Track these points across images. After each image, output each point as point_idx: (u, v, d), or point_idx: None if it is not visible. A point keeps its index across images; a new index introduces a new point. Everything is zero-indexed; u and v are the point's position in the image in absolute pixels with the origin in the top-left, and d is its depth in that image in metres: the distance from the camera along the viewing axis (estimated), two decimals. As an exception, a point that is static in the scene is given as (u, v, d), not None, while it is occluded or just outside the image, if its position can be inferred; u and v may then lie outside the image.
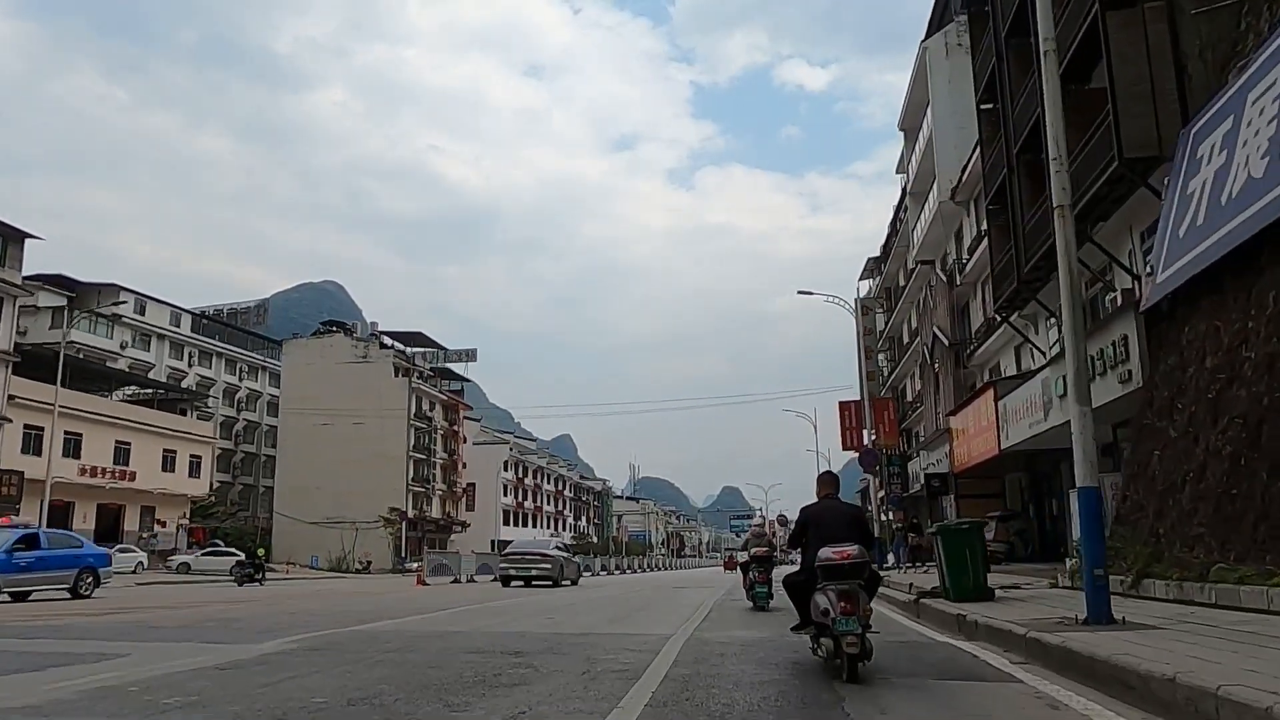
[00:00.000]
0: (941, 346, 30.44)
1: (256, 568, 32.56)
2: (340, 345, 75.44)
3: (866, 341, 50.24)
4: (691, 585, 27.36)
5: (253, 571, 31.84)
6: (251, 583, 30.14)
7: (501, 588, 24.56)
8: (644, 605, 15.82)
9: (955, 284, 30.02)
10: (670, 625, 11.01)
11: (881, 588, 9.27)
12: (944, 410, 29.87)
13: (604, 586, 26.90)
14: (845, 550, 6.18)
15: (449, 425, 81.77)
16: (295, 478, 72.60)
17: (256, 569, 32.47)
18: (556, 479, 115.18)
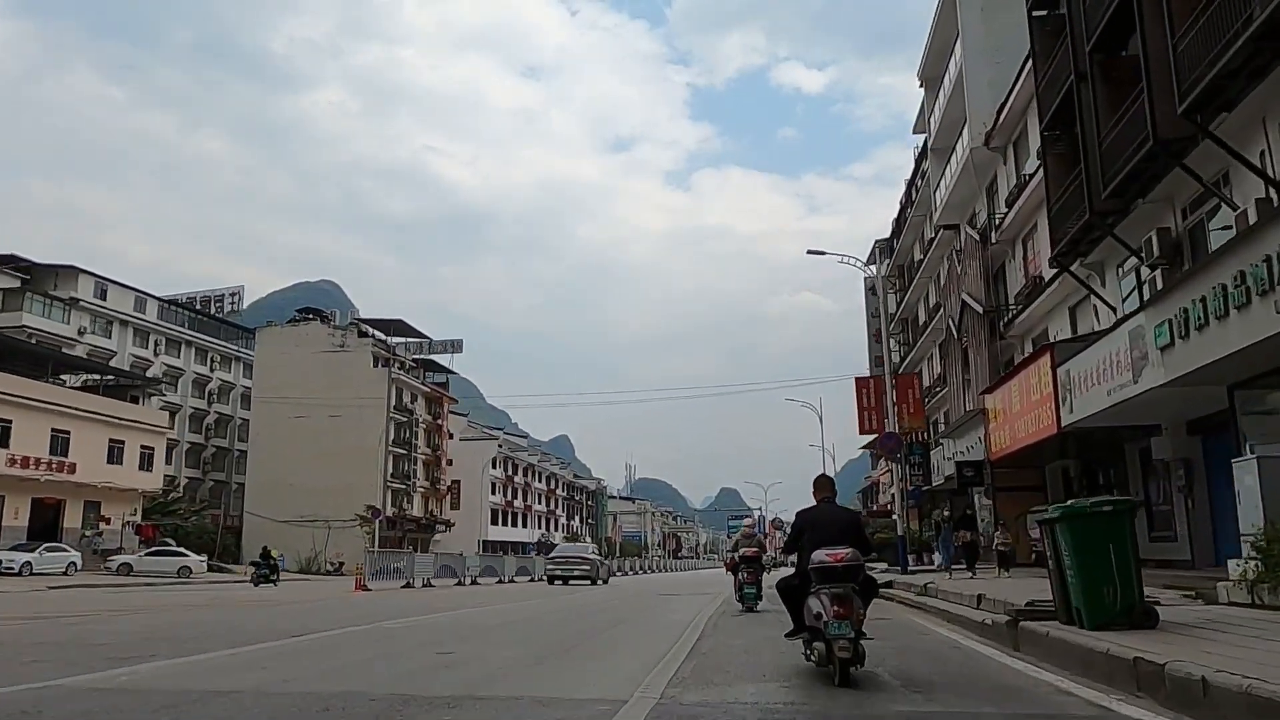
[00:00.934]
0: (972, 316, 26.36)
1: (272, 568, 32.12)
2: (316, 334, 71.32)
3: (877, 323, 46.17)
4: (684, 591, 23.28)
5: (268, 572, 31.17)
6: (267, 583, 29.17)
7: (430, 600, 20.51)
8: (611, 624, 11.70)
9: (989, 243, 25.95)
10: (634, 668, 6.92)
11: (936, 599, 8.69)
12: (976, 389, 25.79)
13: (578, 592, 22.85)
14: (839, 553, 6.11)
15: (432, 419, 77.62)
16: (267, 473, 68.49)
17: (272, 569, 32.10)
18: (548, 477, 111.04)
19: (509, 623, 11.93)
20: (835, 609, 5.82)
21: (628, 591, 23.15)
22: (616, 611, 14.21)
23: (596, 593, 21.99)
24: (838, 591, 5.94)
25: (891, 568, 28.58)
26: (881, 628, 10.69)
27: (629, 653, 8.36)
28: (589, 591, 22.47)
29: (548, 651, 8.33)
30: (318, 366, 68.73)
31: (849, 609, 5.85)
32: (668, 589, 25.13)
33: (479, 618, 12.88)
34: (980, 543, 18.20)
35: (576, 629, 10.87)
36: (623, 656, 8.14)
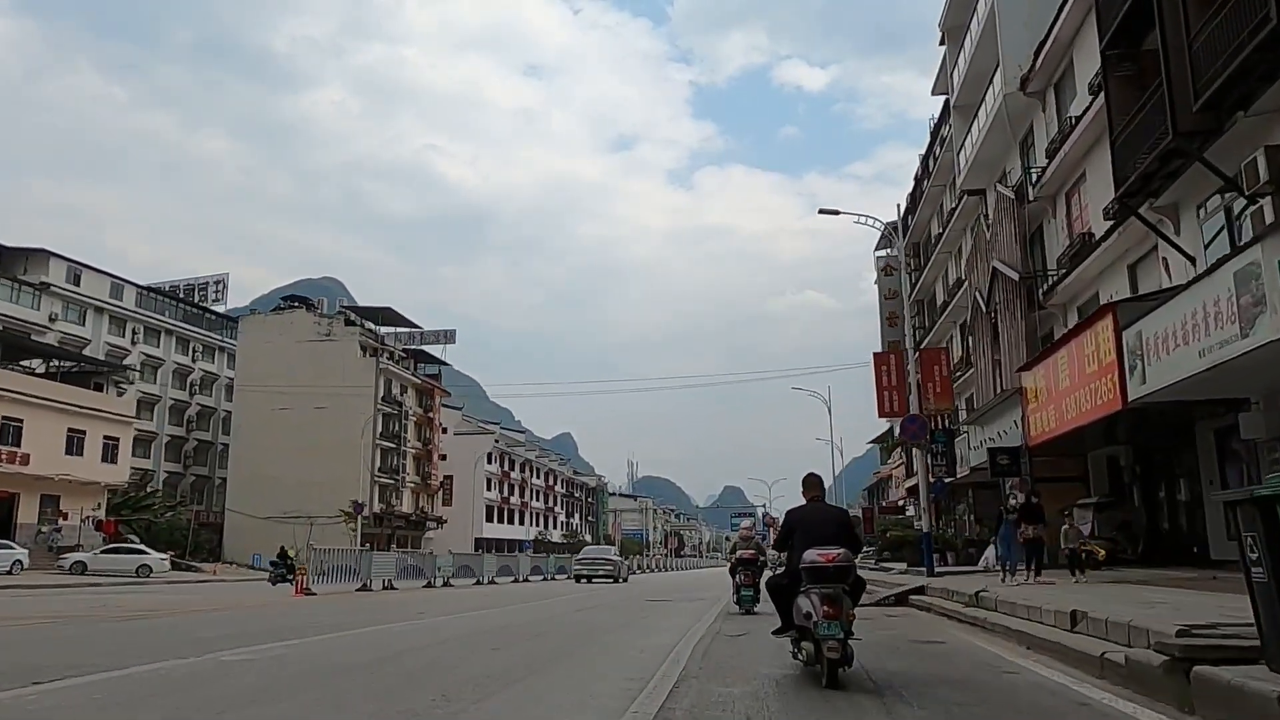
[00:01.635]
0: (1005, 285, 23.29)
1: (289, 568, 30.10)
2: (301, 322, 68.40)
3: (891, 305, 43.08)
4: (678, 596, 20.26)
5: (285, 571, 29.60)
6: (284, 582, 27.72)
7: (369, 609, 17.55)
8: (557, 656, 8.54)
9: (1025, 201, 22.87)
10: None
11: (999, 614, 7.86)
12: (1009, 368, 22.73)
13: (552, 596, 19.87)
14: (830, 553, 6.05)
15: (423, 412, 74.65)
16: (250, 468, 65.63)
17: (290, 569, 30.11)
18: (547, 473, 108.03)
19: (409, 649, 8.88)
20: (825, 609, 5.77)
21: (610, 597, 20.13)
22: (580, 630, 11.14)
23: (572, 599, 18.95)
24: (828, 592, 5.88)
25: (913, 569, 25.56)
26: (937, 658, 7.65)
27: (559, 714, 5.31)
28: (565, 597, 19.45)
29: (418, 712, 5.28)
30: (303, 356, 65.85)
31: (839, 610, 5.81)
32: (660, 593, 22.14)
33: (380, 641, 9.80)
34: (1045, 540, 15.02)
35: (506, 662, 7.83)
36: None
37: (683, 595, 20.46)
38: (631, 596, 19.88)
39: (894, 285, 43.09)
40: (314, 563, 19.36)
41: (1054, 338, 22.06)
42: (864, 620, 10.64)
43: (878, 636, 9.28)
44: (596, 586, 27.06)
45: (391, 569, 22.57)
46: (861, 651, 6.71)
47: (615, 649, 8.93)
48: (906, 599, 15.09)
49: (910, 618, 12.35)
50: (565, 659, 8.08)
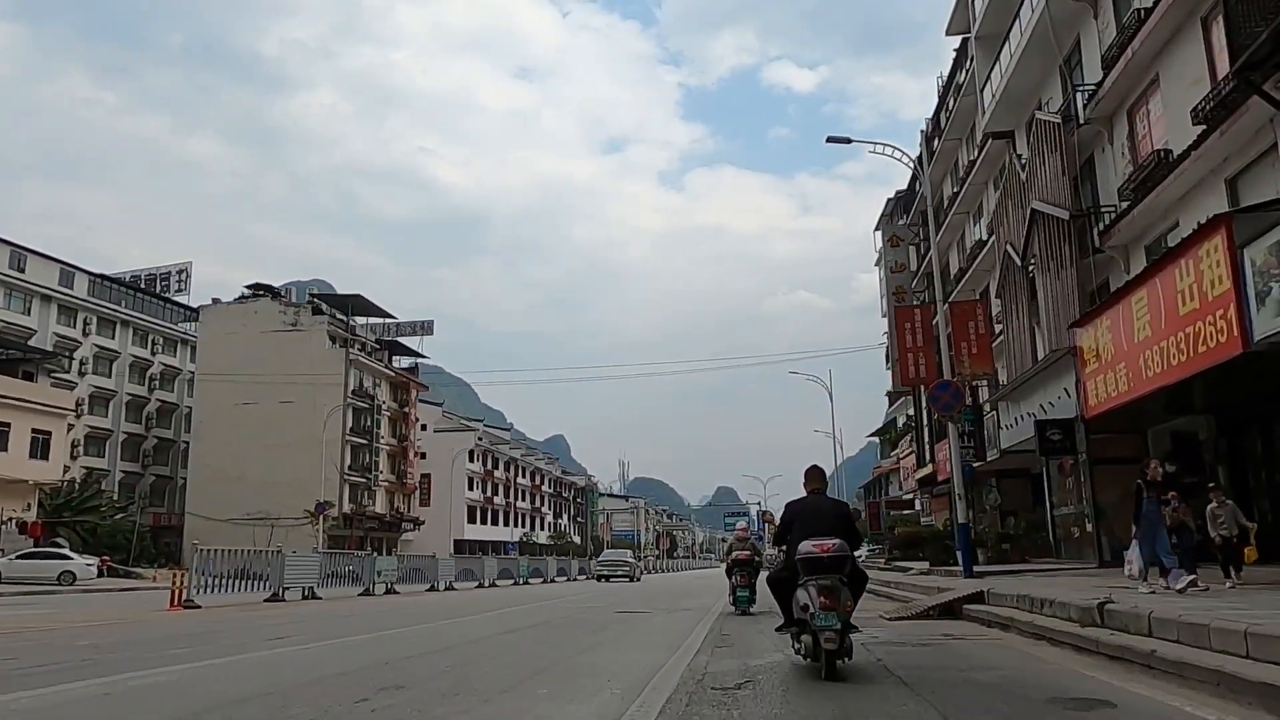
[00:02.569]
0: (1049, 229, 19.44)
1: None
2: (266, 311, 64.30)
3: (898, 279, 39.32)
4: (660, 606, 16.38)
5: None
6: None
7: (245, 630, 13.60)
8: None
9: (1076, 124, 19.02)
10: None
11: (1168, 642, 5.70)
12: (1054, 329, 18.90)
13: (498, 608, 15.97)
14: (825, 544, 6.05)
15: (399, 407, 70.58)
16: (212, 466, 61.54)
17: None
18: (533, 472, 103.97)
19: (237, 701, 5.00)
20: (822, 600, 5.78)
21: (572, 608, 16.22)
22: (472, 677, 7.09)
23: (518, 612, 15.03)
24: (824, 583, 5.90)
25: (938, 568, 21.72)
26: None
27: None
28: (511, 610, 15.53)
29: None
30: (268, 347, 61.82)
31: (835, 600, 5.81)
32: (639, 602, 18.25)
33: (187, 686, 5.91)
34: (1192, 526, 10.92)
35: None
36: None
37: (663, 605, 16.54)
38: (601, 606, 15.96)
39: (900, 258, 39.47)
40: (198, 565, 15.35)
41: (1110, 288, 18.26)
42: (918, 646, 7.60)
43: (963, 685, 5.48)
44: (562, 593, 23.21)
45: (314, 574, 18.59)
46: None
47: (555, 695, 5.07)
48: (958, 609, 11.23)
49: (984, 641, 8.49)
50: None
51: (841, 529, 6.38)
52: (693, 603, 17.81)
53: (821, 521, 6.41)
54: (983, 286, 30.10)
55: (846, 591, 6.00)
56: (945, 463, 30.88)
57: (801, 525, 6.45)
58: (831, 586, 5.87)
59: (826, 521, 6.42)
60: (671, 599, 19.76)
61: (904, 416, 54.13)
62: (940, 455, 31.53)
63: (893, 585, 19.29)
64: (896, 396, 54.98)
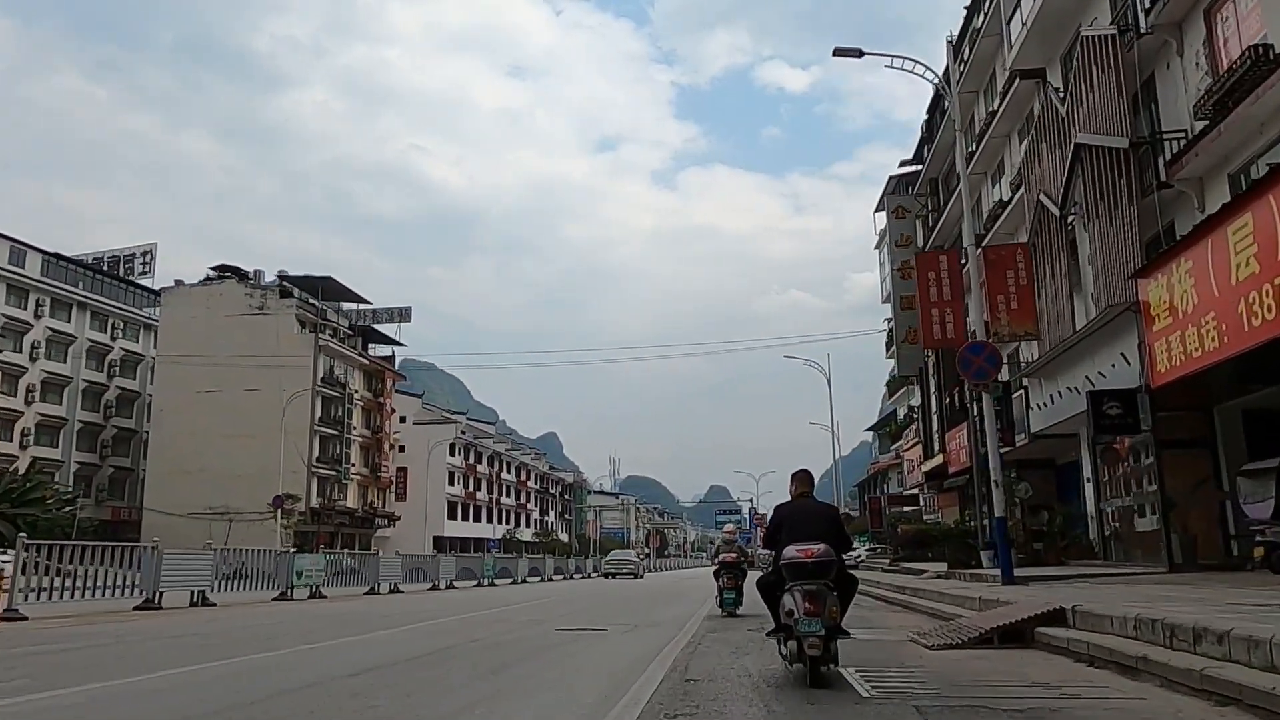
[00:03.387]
0: (1100, 166, 16.14)
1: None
2: (231, 294, 60.83)
3: (903, 254, 36.03)
4: (617, 624, 13.01)
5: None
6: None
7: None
8: None
9: (1135, 35, 15.73)
10: None
11: None
12: (1112, 280, 15.59)
13: (411, 623, 12.63)
14: (810, 549, 6.01)
15: (373, 396, 67.11)
16: (172, 457, 58.12)
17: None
18: (518, 468, 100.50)
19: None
20: (807, 606, 5.73)
21: (516, 618, 12.93)
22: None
23: (420, 631, 11.71)
24: (810, 588, 5.83)
25: (960, 570, 18.45)
26: None
27: None
28: (424, 625, 12.20)
29: None
30: (233, 332, 58.33)
31: (820, 606, 5.74)
32: (602, 612, 14.96)
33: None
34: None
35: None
36: None
37: (629, 617, 13.19)
38: (544, 620, 12.63)
39: (906, 231, 36.09)
40: (23, 565, 11.86)
41: (1176, 233, 15.01)
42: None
43: None
44: (520, 598, 19.86)
45: (206, 575, 15.21)
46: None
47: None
48: (1027, 633, 7.92)
49: (1126, 706, 5.12)
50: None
51: (829, 533, 6.31)
52: (669, 612, 14.52)
53: (809, 525, 6.35)
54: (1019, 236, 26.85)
55: (833, 597, 5.92)
56: (958, 452, 27.63)
57: (790, 529, 6.39)
58: (816, 592, 5.81)
59: (814, 525, 6.36)
60: (645, 607, 16.47)
61: (905, 408, 50.94)
62: (952, 444, 28.28)
63: (909, 592, 16.02)
64: (897, 386, 51.77)
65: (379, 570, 21.64)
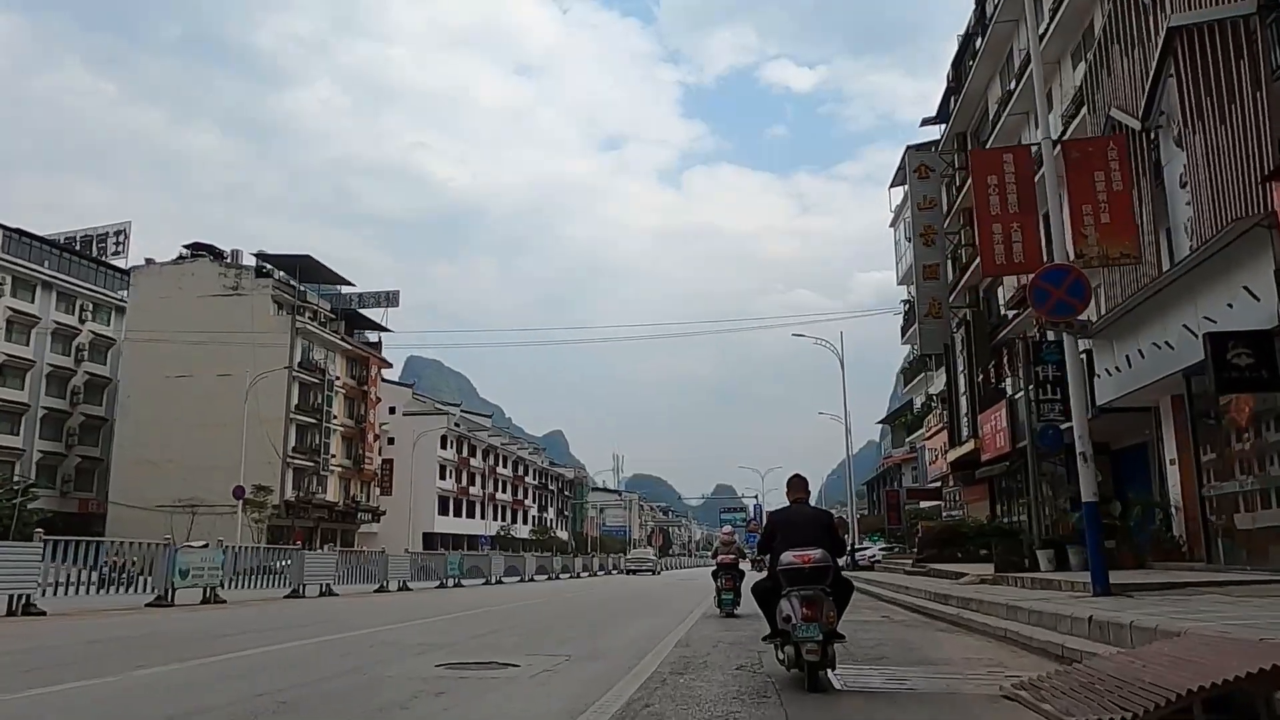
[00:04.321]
0: (1211, 46, 12.31)
1: None
2: (205, 273, 57.34)
3: (926, 218, 32.26)
4: (547, 651, 9.32)
5: None
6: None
7: None
8: None
9: None
10: None
11: None
12: (1227, 189, 11.76)
13: (323, 635, 8.95)
14: (807, 554, 6.03)
15: (356, 384, 63.50)
16: (139, 448, 54.68)
17: None
18: (515, 462, 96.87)
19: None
20: (804, 611, 5.75)
21: (413, 640, 9.23)
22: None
23: (292, 656, 7.92)
24: (807, 594, 5.86)
25: (1012, 574, 14.69)
26: None
27: None
28: (330, 640, 8.49)
29: None
30: (206, 313, 54.83)
31: (817, 611, 5.76)
32: (542, 631, 11.24)
33: None
34: None
35: None
36: None
37: (571, 645, 9.40)
38: (446, 646, 8.90)
39: (929, 192, 32.45)
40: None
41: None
42: None
43: None
44: (460, 605, 16.18)
45: (32, 576, 11.54)
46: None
47: None
48: (1258, 703, 4.09)
49: None
50: None
51: (824, 538, 6.31)
52: (632, 630, 10.82)
53: (804, 531, 6.35)
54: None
55: (830, 602, 5.90)
56: (994, 437, 23.82)
57: (784, 535, 6.39)
58: (814, 597, 5.82)
59: (809, 531, 6.36)
60: (604, 622, 12.79)
61: (923, 396, 47.09)
62: (986, 428, 24.47)
63: (956, 603, 12.25)
64: (915, 373, 47.92)
65: (304, 570, 17.90)
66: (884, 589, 19.71)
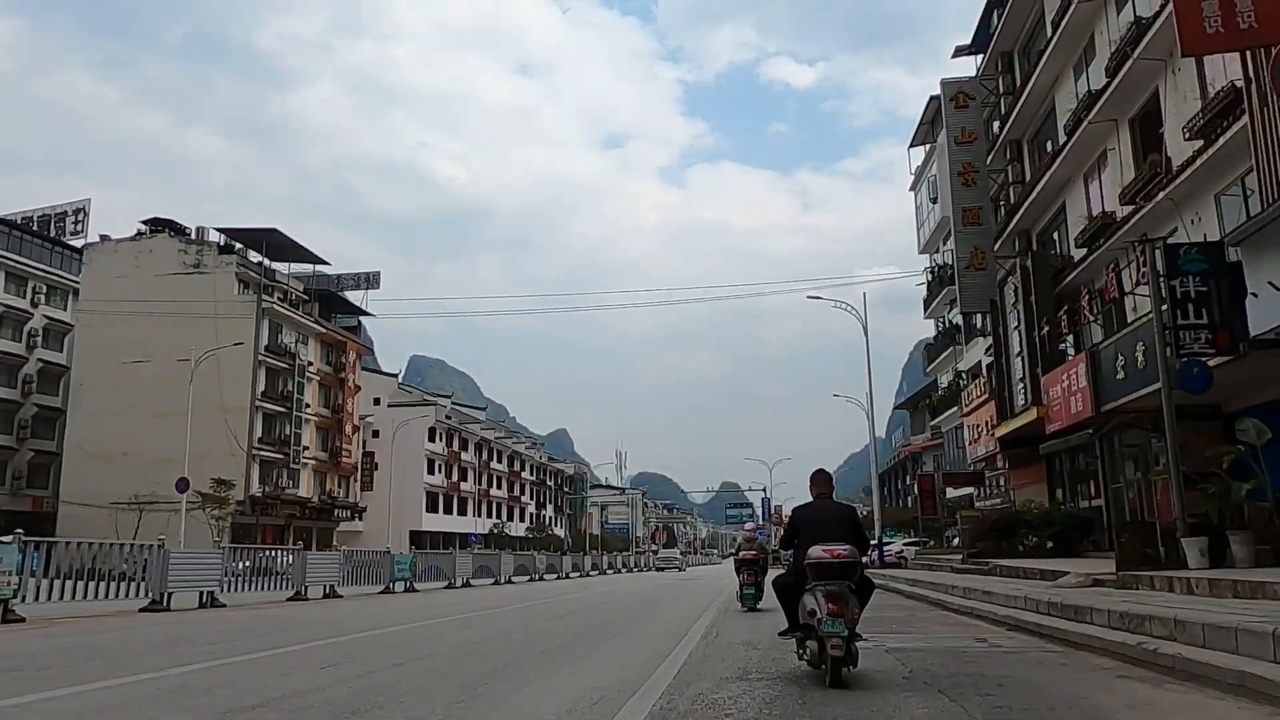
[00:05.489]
0: None
1: None
2: (164, 250, 52.79)
3: (964, 154, 27.55)
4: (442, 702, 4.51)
5: None
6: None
7: None
8: None
9: None
10: None
11: None
12: None
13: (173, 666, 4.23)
14: (836, 549, 5.98)
15: (333, 371, 58.90)
16: (93, 440, 50.16)
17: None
18: (510, 457, 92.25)
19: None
20: (830, 606, 5.67)
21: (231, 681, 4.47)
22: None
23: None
24: (833, 589, 5.79)
25: (1144, 571, 10.07)
26: None
27: None
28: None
29: None
30: (165, 294, 50.16)
31: (843, 607, 5.69)
32: (434, 664, 6.56)
33: None
34: None
35: None
36: None
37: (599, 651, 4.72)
38: (261, 695, 4.20)
39: (969, 124, 27.73)
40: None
41: None
42: None
43: None
44: (376, 622, 11.52)
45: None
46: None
47: None
48: None
49: None
50: None
51: (849, 534, 6.29)
52: (604, 654, 6.20)
53: (828, 526, 6.32)
54: (1132, 112, 18.41)
55: (854, 599, 5.87)
56: (1066, 400, 19.11)
57: (809, 530, 6.34)
58: (838, 593, 5.75)
59: (833, 526, 6.32)
60: (558, 650, 8.19)
61: (949, 373, 42.36)
62: (1054, 390, 19.73)
63: (1105, 620, 7.62)
64: (940, 349, 43.20)
65: (162, 574, 13.24)
66: (937, 591, 15.06)
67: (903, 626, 10.41)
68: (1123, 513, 19.94)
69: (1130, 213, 17.60)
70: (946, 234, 39.75)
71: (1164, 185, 15.98)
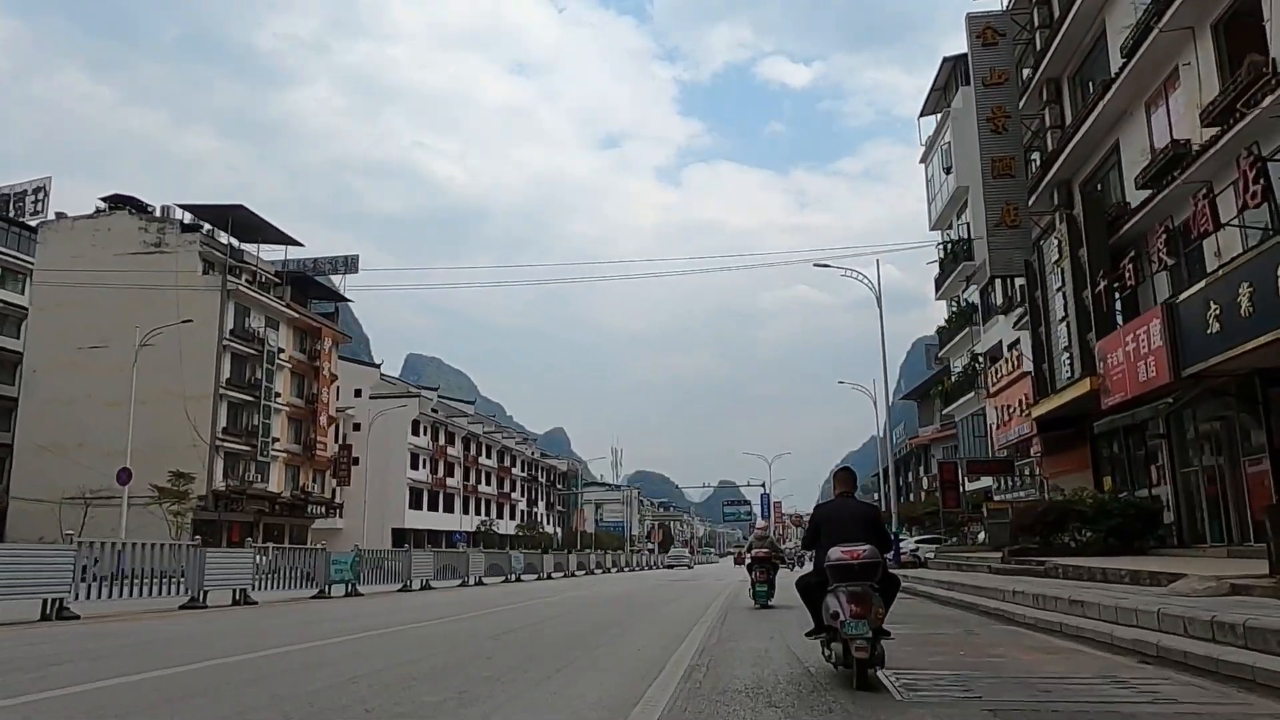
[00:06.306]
0: None
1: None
2: (123, 228, 49.41)
3: (995, 98, 24.30)
4: None
5: None
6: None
7: None
8: None
9: None
10: None
11: None
12: None
13: None
14: (856, 550, 5.87)
15: (307, 359, 55.53)
16: (46, 431, 46.81)
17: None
18: (499, 452, 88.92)
19: None
20: (852, 608, 5.60)
21: None
22: None
23: None
24: (855, 590, 5.71)
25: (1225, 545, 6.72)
26: None
27: None
28: None
29: None
30: (123, 274, 46.81)
31: (866, 608, 5.61)
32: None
33: None
34: None
35: None
36: None
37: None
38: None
39: (998, 62, 24.48)
40: None
41: None
42: None
43: None
44: (263, 644, 8.15)
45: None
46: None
47: None
48: None
49: None
50: None
51: (871, 533, 6.16)
52: None
53: (850, 526, 6.19)
54: (1216, 14, 15.18)
55: (878, 599, 5.76)
56: (1132, 369, 15.85)
57: (830, 530, 6.25)
58: (862, 594, 5.66)
59: (855, 526, 6.19)
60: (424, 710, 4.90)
61: (964, 358, 39.15)
62: (1115, 357, 16.47)
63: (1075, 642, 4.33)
64: (957, 329, 39.95)
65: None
66: (983, 597, 11.86)
67: (975, 654, 7.20)
68: (1193, 501, 16.75)
69: (1217, 134, 14.37)
70: (962, 205, 36.49)
71: (1271, 89, 12.74)
